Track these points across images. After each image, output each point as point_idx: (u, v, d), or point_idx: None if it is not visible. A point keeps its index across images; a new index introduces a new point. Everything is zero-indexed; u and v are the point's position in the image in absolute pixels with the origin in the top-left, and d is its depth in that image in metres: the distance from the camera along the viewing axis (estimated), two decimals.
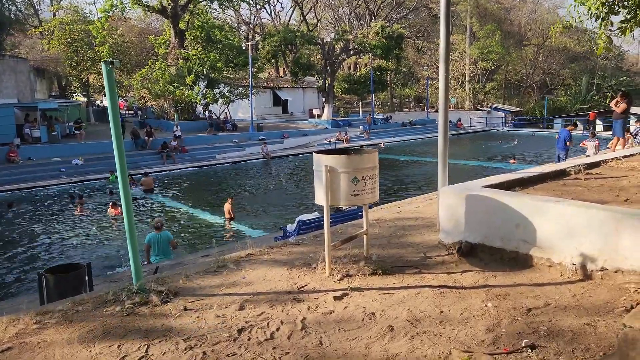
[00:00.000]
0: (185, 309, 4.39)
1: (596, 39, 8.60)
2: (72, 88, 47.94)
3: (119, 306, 4.45)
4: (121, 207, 14.60)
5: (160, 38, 37.58)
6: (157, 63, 34.78)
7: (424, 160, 26.77)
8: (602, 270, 4.50)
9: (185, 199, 19.39)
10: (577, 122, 20.03)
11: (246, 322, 4.07)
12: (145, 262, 9.35)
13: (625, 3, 7.50)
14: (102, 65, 4.40)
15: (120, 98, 45.37)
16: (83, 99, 45.57)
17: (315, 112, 45.27)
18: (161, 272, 6.40)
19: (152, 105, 38.03)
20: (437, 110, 6.58)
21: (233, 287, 4.92)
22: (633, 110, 35.96)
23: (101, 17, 33.65)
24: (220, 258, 5.77)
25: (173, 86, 33.13)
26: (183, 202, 18.67)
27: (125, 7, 34.25)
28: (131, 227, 4.76)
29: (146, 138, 27.85)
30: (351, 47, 42.16)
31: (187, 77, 33.19)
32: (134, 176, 21.10)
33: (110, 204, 16.31)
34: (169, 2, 33.77)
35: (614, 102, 13.02)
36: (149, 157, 26.52)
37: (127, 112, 46.29)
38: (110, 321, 4.18)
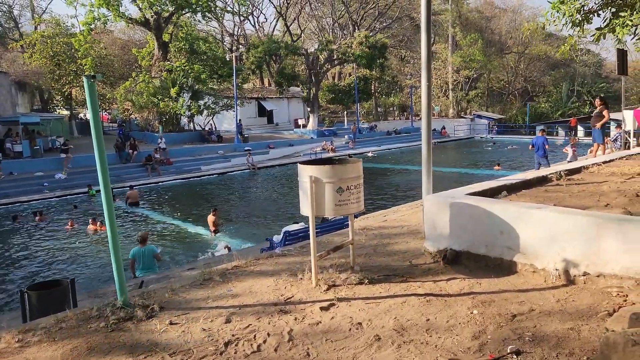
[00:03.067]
0: (171, 323, 4.35)
1: (566, 44, 8.78)
2: (55, 102, 47.46)
3: (104, 322, 4.40)
4: (101, 222, 14.48)
5: (143, 50, 37.49)
6: (140, 75, 34.66)
7: (410, 168, 26.94)
8: (584, 275, 4.55)
9: (171, 211, 19.26)
10: (545, 128, 20.42)
11: (233, 335, 4.04)
12: (132, 277, 9.25)
13: (600, 12, 7.68)
14: (84, 79, 4.38)
15: (103, 111, 45.02)
16: (66, 112, 45.12)
17: (301, 122, 45.40)
18: (146, 286, 6.34)
19: (136, 117, 37.81)
20: (421, 119, 6.64)
21: (219, 299, 4.89)
22: (613, 116, 36.67)
23: (83, 30, 33.49)
24: (207, 271, 5.74)
25: (157, 98, 33.02)
26: (169, 214, 18.55)
27: (108, 19, 34.14)
28: (115, 241, 4.71)
29: (130, 151, 27.66)
30: (335, 57, 42.45)
31: (171, 89, 33.11)
32: (116, 189, 20.93)
33: (90, 219, 16.06)
34: (152, 14, 33.75)
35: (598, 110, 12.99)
36: (133, 170, 26.34)
37: (110, 125, 45.94)
38: (95, 337, 4.13)
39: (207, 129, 37.20)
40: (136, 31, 50.99)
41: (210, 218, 15.25)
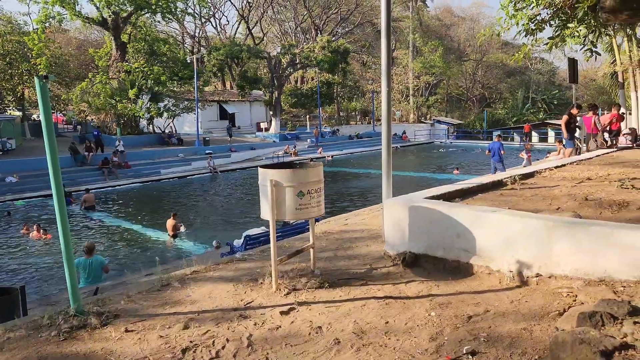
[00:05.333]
0: (127, 330, 4.24)
1: (520, 51, 9.09)
2: (6, 102, 45.62)
3: (55, 331, 4.24)
4: (44, 230, 13.86)
5: (100, 50, 36.54)
6: (97, 76, 33.76)
7: (371, 172, 27.23)
8: (537, 277, 4.70)
9: (128, 215, 18.81)
10: (502, 134, 21.24)
11: (191, 342, 3.97)
12: None
13: (552, 21, 7.97)
14: (35, 80, 4.23)
15: (58, 112, 43.56)
16: (18, 113, 43.44)
17: (263, 125, 45.22)
18: (101, 293, 6.17)
19: (92, 119, 36.79)
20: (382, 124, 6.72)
21: (177, 305, 4.80)
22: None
23: (37, 29, 32.37)
24: (164, 276, 5.62)
25: (115, 100, 32.22)
26: (126, 219, 18.10)
27: (64, 18, 33.12)
28: (68, 247, 4.56)
29: (86, 153, 26.87)
30: (298, 61, 42.54)
31: (130, 90, 32.38)
32: (72, 193, 20.28)
33: (35, 226, 15.44)
34: (110, 14, 32.95)
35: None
36: (89, 173, 25.60)
37: (65, 126, 44.51)
38: (46, 347, 3.98)
39: (167, 131, 36.57)
40: (93, 31, 49.70)
41: (170, 222, 14.99)
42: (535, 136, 42.32)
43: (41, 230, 15.10)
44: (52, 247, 13.95)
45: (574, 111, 13.41)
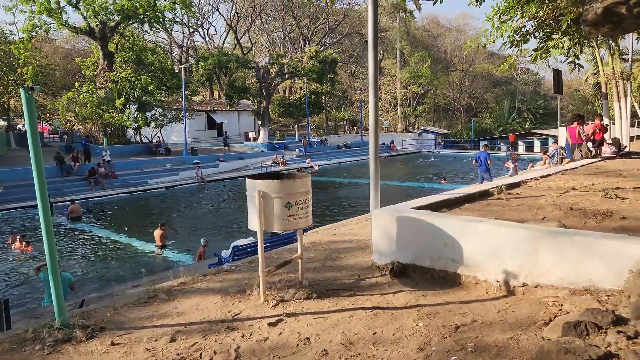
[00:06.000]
0: (113, 343, 4.19)
1: (506, 62, 9.25)
2: None
3: (40, 344, 4.19)
4: (27, 242, 13.34)
5: (88, 60, 36.31)
6: (84, 86, 33.53)
7: (359, 182, 27.29)
8: (523, 286, 4.74)
9: (115, 226, 18.63)
10: (488, 143, 21.54)
11: (177, 354, 3.94)
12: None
13: (536, 33, 8.11)
14: (21, 91, 4.20)
15: (44, 122, 43.14)
16: (3, 123, 42.96)
17: (251, 135, 45.18)
18: (87, 305, 6.10)
19: (79, 129, 36.50)
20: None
21: (164, 318, 4.76)
22: (550, 132, 38.61)
23: (24, 38, 32.13)
24: (151, 288, 5.58)
25: (102, 109, 32.02)
26: (112, 229, 17.93)
27: (50, 27, 32.93)
28: (53, 259, 4.51)
29: (72, 163, 26.62)
30: (286, 71, 42.66)
31: (117, 100, 32.20)
32: (57, 204, 20.02)
33: (19, 237, 15.17)
34: (97, 23, 32.82)
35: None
36: (75, 184, 25.34)
37: (51, 136, 44.10)
38: None
39: (154, 141, 36.39)
40: (80, 40, 49.47)
41: (158, 233, 14.88)
42: (521, 146, 42.76)
43: (23, 242, 14.85)
44: (34, 259, 13.68)
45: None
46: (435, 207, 6.50)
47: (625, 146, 16.52)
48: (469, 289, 5.04)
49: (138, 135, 36.28)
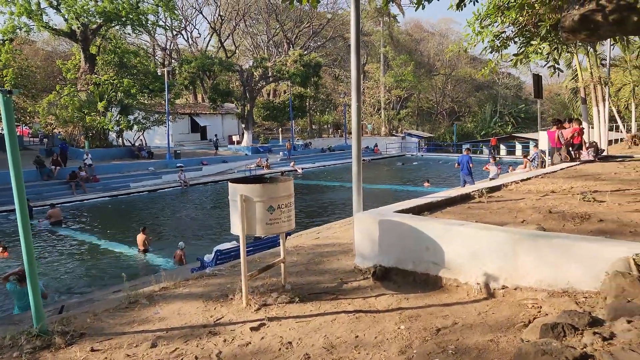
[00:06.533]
0: (93, 350, 4.15)
1: (487, 67, 9.39)
2: None
3: (17, 351, 4.12)
4: (4, 247, 12.77)
5: (69, 62, 35.88)
6: (65, 88, 33.12)
7: (343, 185, 27.36)
8: (503, 289, 4.80)
9: (96, 230, 18.41)
10: (471, 147, 21.83)
11: None
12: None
13: (516, 39, 8.25)
14: None
15: (24, 125, 42.51)
16: None
17: (235, 138, 45.03)
18: (67, 311, 6.02)
19: (59, 132, 36.00)
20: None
21: (145, 323, 4.72)
22: (531, 135, 39.17)
23: (4, 40, 31.64)
24: (132, 293, 5.53)
25: (83, 112, 31.64)
26: (93, 234, 17.71)
27: (31, 29, 32.48)
28: (31, 264, 4.45)
29: (52, 167, 26.24)
30: (270, 74, 42.63)
31: (99, 103, 31.86)
32: (37, 208, 19.72)
33: None
34: (79, 25, 32.45)
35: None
36: (56, 187, 24.99)
37: (31, 139, 43.43)
38: None
39: (137, 144, 36.06)
40: (61, 42, 48.86)
41: (140, 237, 14.73)
42: (503, 149, 43.27)
43: (0, 248, 14.54)
44: (9, 267, 13.35)
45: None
46: (418, 210, 6.55)
47: (604, 150, 16.82)
48: (450, 292, 5.09)
49: (120, 138, 35.94)
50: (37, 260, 4.92)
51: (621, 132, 34.44)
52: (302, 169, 36.01)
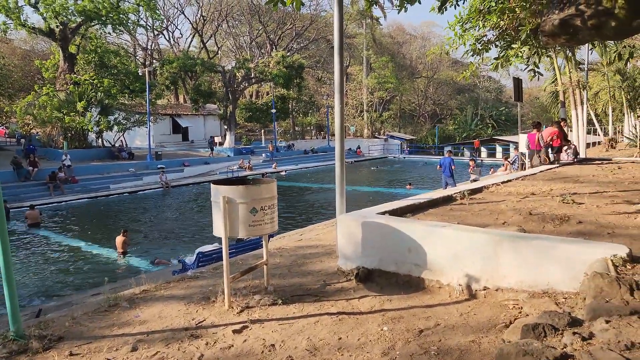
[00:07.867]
0: (71, 354, 4.07)
1: (468, 69, 9.48)
2: None
3: None
4: None
5: (47, 62, 35.27)
6: (44, 88, 32.55)
7: (326, 187, 27.37)
8: (484, 290, 4.84)
9: (75, 232, 18.12)
10: (452, 149, 22.08)
11: None
12: None
13: (497, 42, 8.33)
14: None
15: (0, 125, 41.69)
16: None
17: (217, 139, 44.76)
18: (44, 314, 5.90)
19: (37, 132, 35.38)
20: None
21: (126, 327, 4.65)
22: (512, 139, 39.66)
23: None
24: (112, 296, 5.45)
25: (62, 112, 31.13)
26: (72, 236, 17.43)
27: (8, 27, 31.85)
28: (7, 266, 4.35)
29: (30, 168, 25.76)
30: (252, 75, 42.47)
31: (78, 103, 31.37)
32: (14, 209, 19.35)
33: None
34: (58, 24, 31.93)
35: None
36: (33, 189, 24.54)
37: (8, 140, 42.62)
38: None
39: (117, 145, 35.60)
40: (39, 41, 48.04)
41: (120, 239, 14.53)
42: (484, 151, 43.76)
43: None
44: None
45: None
46: (400, 212, 6.58)
47: (579, 154, 17.09)
48: (432, 293, 5.11)
49: (100, 139, 35.45)
50: (13, 262, 4.82)
51: (599, 135, 35.10)
52: (285, 170, 35.93)
